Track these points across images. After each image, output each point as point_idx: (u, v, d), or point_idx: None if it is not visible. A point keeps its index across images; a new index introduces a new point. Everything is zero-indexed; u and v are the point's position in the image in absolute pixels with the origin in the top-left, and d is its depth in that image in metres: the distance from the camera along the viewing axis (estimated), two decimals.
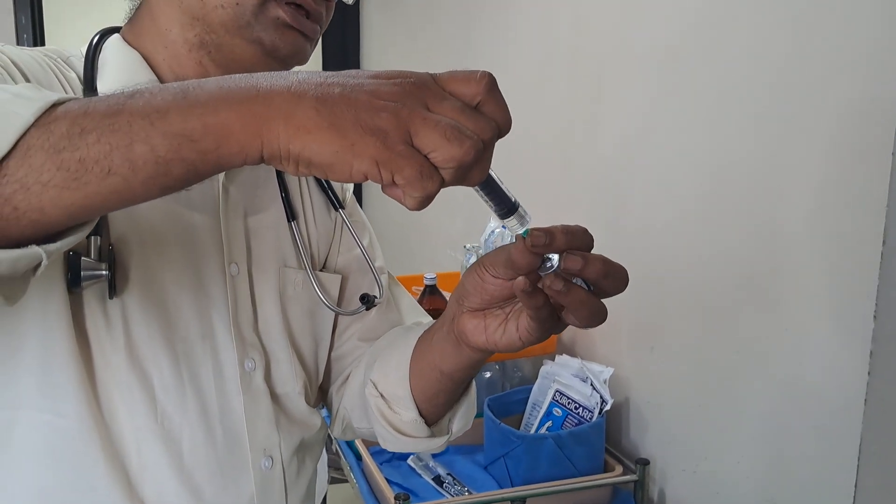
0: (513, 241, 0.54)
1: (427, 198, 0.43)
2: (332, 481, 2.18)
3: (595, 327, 0.55)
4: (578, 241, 0.53)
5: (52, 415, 0.63)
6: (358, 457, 1.49)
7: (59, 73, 0.66)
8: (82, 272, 0.61)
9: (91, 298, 0.64)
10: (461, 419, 0.76)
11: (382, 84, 0.42)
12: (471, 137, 0.42)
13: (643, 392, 1.47)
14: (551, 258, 0.53)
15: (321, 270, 0.81)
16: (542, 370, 1.47)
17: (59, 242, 0.44)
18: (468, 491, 1.35)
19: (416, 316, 0.88)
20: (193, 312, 0.69)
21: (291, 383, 0.76)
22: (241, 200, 0.74)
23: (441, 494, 1.35)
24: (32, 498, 0.64)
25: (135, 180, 0.42)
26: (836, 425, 1.05)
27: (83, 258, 0.61)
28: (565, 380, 1.42)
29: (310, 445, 0.80)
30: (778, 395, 1.15)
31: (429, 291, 1.66)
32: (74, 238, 0.46)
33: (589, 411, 1.38)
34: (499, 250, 0.57)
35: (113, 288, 0.64)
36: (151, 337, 0.66)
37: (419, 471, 1.42)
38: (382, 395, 0.75)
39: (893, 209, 0.86)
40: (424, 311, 0.90)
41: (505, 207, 0.51)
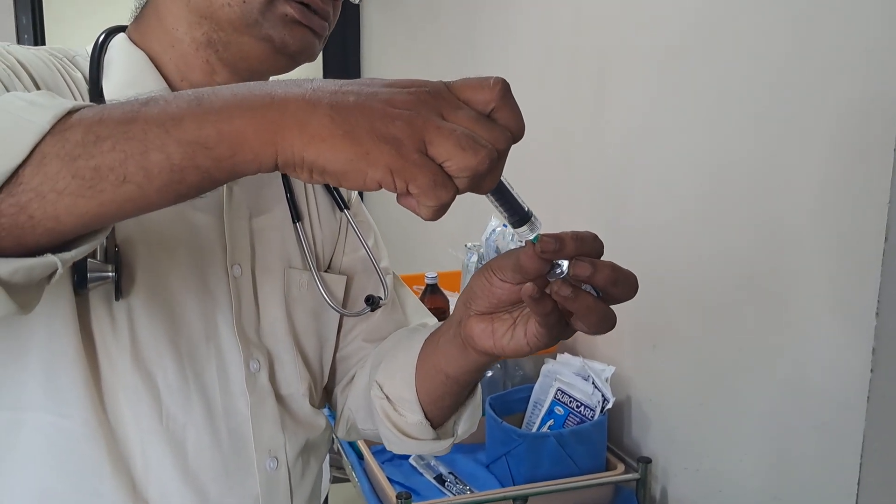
0: (520, 245, 0.54)
1: (441, 207, 0.43)
2: (334, 480, 2.18)
3: (604, 334, 0.55)
4: (588, 248, 0.53)
5: (57, 416, 0.63)
6: (360, 456, 1.49)
7: (65, 73, 0.66)
8: (89, 273, 0.61)
9: (96, 300, 0.64)
10: (466, 422, 0.76)
11: (397, 93, 0.42)
12: (485, 147, 0.42)
13: (645, 390, 1.47)
14: (560, 264, 0.53)
15: (326, 271, 0.80)
16: (544, 369, 1.47)
17: (74, 251, 0.44)
18: (470, 490, 1.35)
19: (422, 317, 0.88)
20: (198, 313, 0.69)
21: (296, 384, 0.76)
22: (246, 201, 0.74)
23: (443, 493, 1.35)
24: (36, 500, 0.64)
25: (150, 188, 0.42)
26: (839, 423, 1.05)
27: (89, 259, 0.61)
28: (567, 378, 1.42)
29: (315, 446, 0.79)
30: (780, 393, 1.15)
31: (430, 290, 1.66)
32: (89, 246, 0.46)
33: (591, 410, 1.38)
34: (507, 254, 0.57)
35: (119, 289, 0.63)
36: (157, 338, 0.66)
37: (421, 470, 1.42)
38: (388, 397, 0.74)
39: (895, 207, 0.86)
40: (429, 312, 0.89)
41: (517, 216, 0.50)
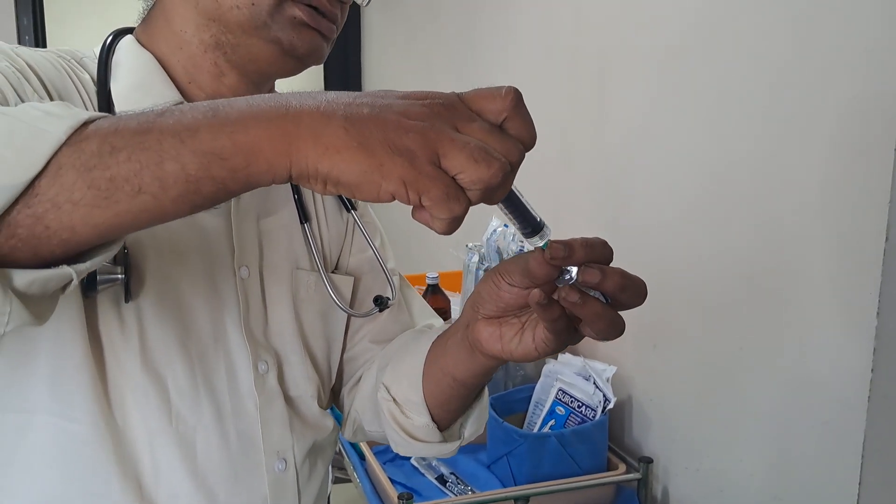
0: (520, 245, 0.54)
1: (454, 220, 0.43)
2: (336, 481, 2.18)
3: (612, 340, 0.55)
4: (597, 254, 0.53)
5: (64, 420, 0.63)
6: (361, 456, 1.49)
7: (73, 75, 0.66)
8: (98, 276, 0.61)
9: (104, 302, 0.64)
10: (473, 424, 0.76)
11: (411, 105, 0.42)
12: (498, 159, 0.42)
13: (646, 390, 1.47)
14: (569, 270, 0.53)
15: (333, 272, 0.80)
16: (545, 369, 1.47)
17: (89, 262, 0.44)
18: (471, 490, 1.35)
19: (428, 318, 0.88)
20: (206, 315, 0.69)
21: (304, 385, 0.76)
22: (254, 202, 0.73)
23: (444, 494, 1.35)
24: (42, 502, 0.64)
25: (165, 198, 0.42)
26: (840, 422, 1.05)
27: None
28: (568, 378, 1.42)
29: (322, 448, 0.79)
30: (781, 393, 1.15)
31: (431, 291, 1.66)
32: (103, 257, 0.46)
33: (592, 410, 1.38)
34: (516, 258, 0.57)
35: (128, 291, 0.63)
36: (166, 340, 0.66)
37: (422, 470, 1.42)
38: (395, 400, 0.74)
39: (895, 206, 0.86)
40: (435, 313, 0.89)
41: (529, 227, 0.50)
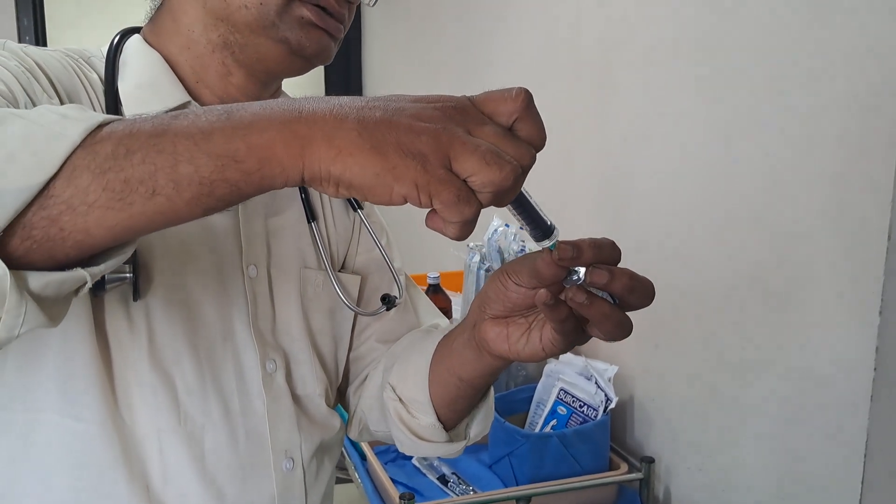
0: (527, 248, 0.54)
1: (465, 223, 0.43)
2: (337, 481, 2.17)
3: (619, 340, 0.55)
4: (606, 255, 0.53)
5: (72, 419, 0.63)
6: (363, 456, 1.49)
7: (81, 74, 0.66)
8: (106, 275, 0.60)
9: (112, 301, 0.64)
10: (479, 424, 0.76)
11: (422, 108, 0.43)
12: (510, 162, 0.42)
13: (648, 390, 1.47)
14: (577, 270, 0.53)
15: (340, 271, 0.81)
16: (547, 368, 1.47)
17: (103, 265, 0.44)
18: (473, 490, 1.35)
19: (433, 318, 0.88)
20: (215, 314, 0.69)
21: (312, 384, 0.76)
22: (261, 201, 0.74)
23: (446, 494, 1.35)
24: (50, 502, 0.64)
25: (179, 201, 0.42)
26: (843, 421, 1.05)
27: None
28: (569, 378, 1.42)
29: (329, 447, 0.79)
30: (784, 392, 1.15)
31: (432, 290, 1.66)
32: (117, 260, 0.46)
33: (593, 409, 1.38)
34: (523, 258, 0.57)
35: (137, 290, 0.64)
36: (174, 338, 0.66)
37: (424, 470, 1.42)
38: (401, 399, 0.74)
39: None
40: (441, 313, 0.89)
41: (539, 230, 0.50)
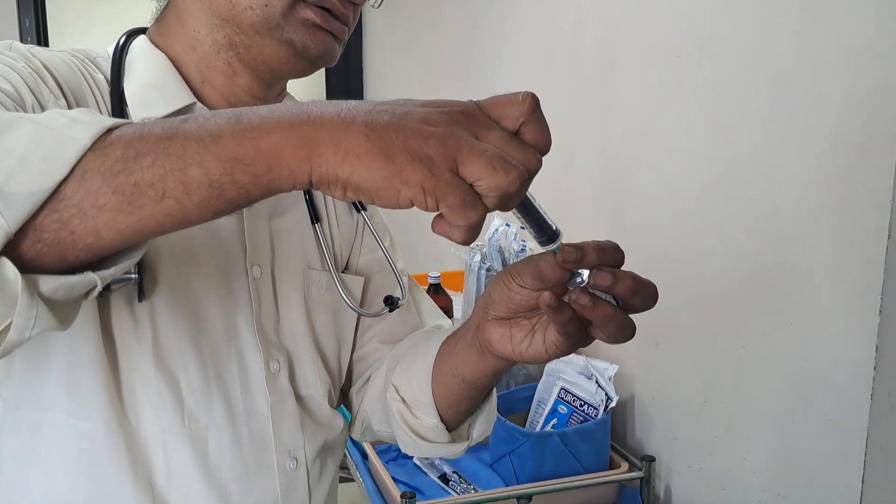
0: (528, 248, 0.54)
1: (471, 227, 0.43)
2: (339, 480, 2.18)
3: (623, 342, 0.55)
4: (609, 258, 0.53)
5: (78, 418, 0.64)
6: (364, 455, 1.49)
7: (87, 75, 0.66)
8: None
9: (118, 301, 0.64)
10: (482, 425, 0.76)
11: (430, 112, 0.43)
12: (516, 167, 0.42)
13: (648, 388, 1.47)
14: (580, 272, 0.53)
15: (343, 272, 0.81)
16: (547, 367, 1.47)
17: (113, 269, 0.45)
18: (474, 489, 1.35)
19: (436, 319, 0.88)
20: (219, 314, 0.69)
21: (315, 385, 0.76)
22: (266, 203, 0.74)
23: (447, 492, 1.35)
24: (56, 500, 0.65)
25: (188, 203, 0.42)
26: (843, 419, 1.05)
27: None
28: (570, 377, 1.42)
29: (332, 447, 0.80)
30: (784, 390, 1.15)
31: (433, 290, 1.66)
32: (127, 264, 0.46)
33: (594, 408, 1.38)
34: (527, 260, 0.57)
35: (142, 290, 0.64)
36: (179, 339, 0.67)
37: (425, 469, 1.42)
38: (404, 400, 0.75)
39: None
40: (444, 314, 0.89)
41: (545, 235, 0.50)
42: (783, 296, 1.14)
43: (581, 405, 1.39)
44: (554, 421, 1.41)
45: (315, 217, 0.77)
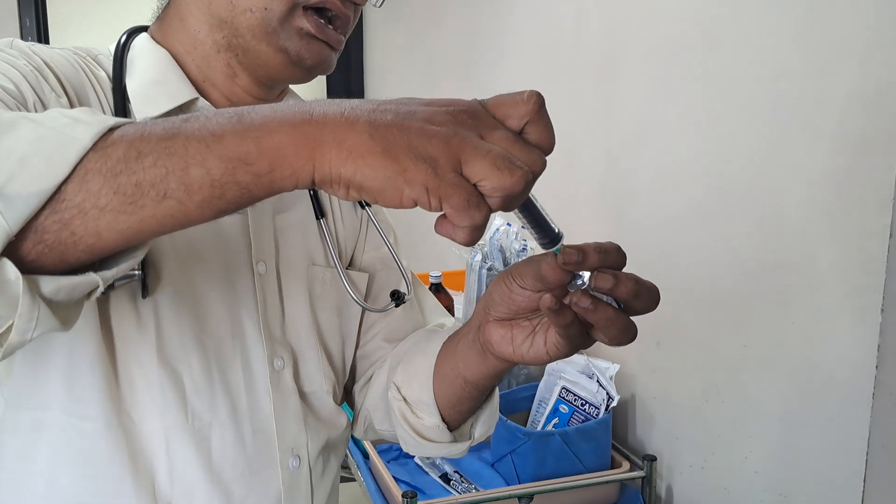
0: (529, 247, 0.54)
1: (474, 228, 0.43)
2: (340, 480, 2.18)
3: (625, 345, 0.55)
4: (611, 260, 0.53)
5: (78, 418, 0.63)
6: (365, 455, 1.49)
7: (89, 72, 0.66)
8: None
9: (120, 298, 0.64)
10: (483, 425, 0.76)
11: (434, 112, 0.43)
12: (521, 168, 0.42)
13: (650, 388, 1.47)
14: (581, 275, 0.53)
15: (348, 268, 0.81)
16: (548, 367, 1.47)
17: (115, 269, 0.44)
18: (475, 488, 1.35)
19: (439, 317, 0.88)
20: (223, 311, 0.69)
21: (319, 381, 0.76)
22: (270, 198, 0.74)
23: (448, 492, 1.35)
24: (57, 500, 0.65)
25: (190, 203, 0.42)
26: (845, 419, 1.05)
27: None
28: (571, 377, 1.42)
29: (335, 445, 0.80)
30: (786, 389, 1.15)
31: (434, 289, 1.66)
32: (129, 264, 0.46)
33: (595, 408, 1.38)
34: (528, 261, 0.57)
35: (145, 287, 0.64)
36: (182, 336, 0.66)
37: (426, 468, 1.42)
38: (405, 399, 0.74)
39: None
40: (447, 312, 0.89)
41: (546, 237, 0.50)
42: (785, 295, 1.14)
43: (582, 404, 1.39)
44: (555, 420, 1.41)
45: (320, 213, 0.77)
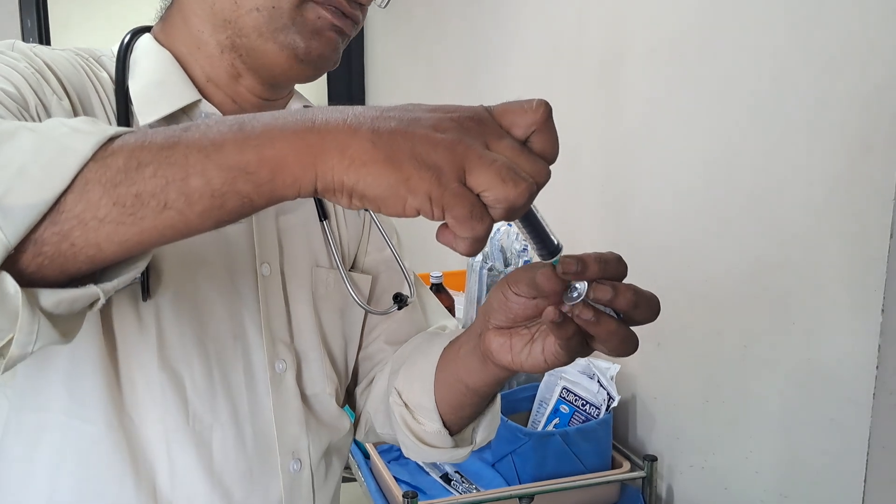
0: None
1: (476, 240, 0.42)
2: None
3: (626, 356, 0.54)
4: (611, 270, 0.52)
5: (79, 420, 0.63)
6: (366, 455, 1.49)
7: (91, 74, 0.66)
8: None
9: (121, 300, 0.64)
10: (485, 430, 0.75)
11: (439, 119, 0.42)
12: (526, 179, 0.42)
13: (650, 388, 1.47)
14: (576, 287, 0.52)
15: (350, 270, 0.80)
16: None
17: (116, 280, 0.44)
18: (476, 488, 1.35)
19: (442, 318, 0.87)
20: (225, 313, 0.69)
21: (322, 384, 0.76)
22: None
23: (449, 492, 1.35)
24: (59, 502, 0.64)
25: (190, 214, 0.42)
26: (846, 419, 1.05)
27: None
28: (572, 377, 1.42)
29: (337, 448, 0.79)
30: (786, 389, 1.15)
31: (435, 290, 1.66)
32: (131, 275, 0.45)
33: (596, 408, 1.38)
34: (524, 269, 0.56)
35: (146, 290, 0.63)
36: (184, 338, 0.66)
37: (427, 469, 1.42)
38: (406, 405, 0.74)
39: None
40: (449, 314, 0.89)
41: (546, 249, 0.49)
42: (786, 295, 1.14)
43: (583, 405, 1.39)
44: (556, 420, 1.41)
45: (323, 214, 0.77)
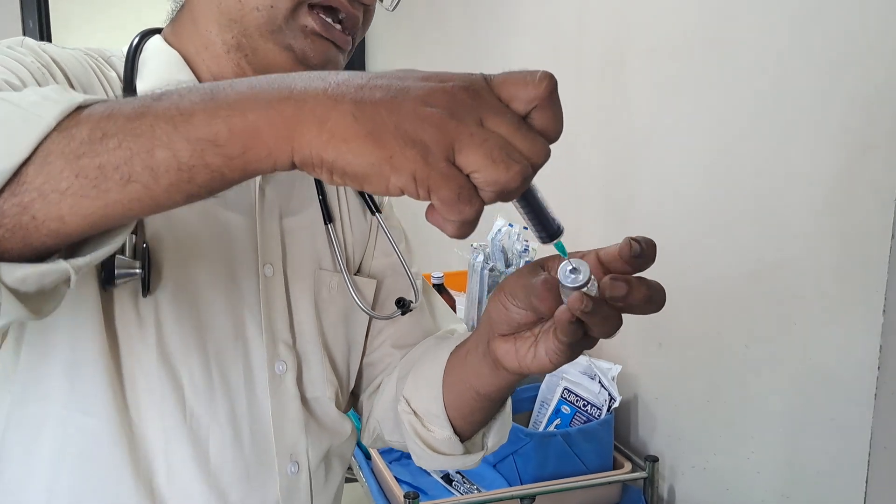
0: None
1: (464, 223, 0.39)
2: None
3: (610, 338, 0.53)
4: (644, 265, 0.50)
5: (80, 413, 0.63)
6: (367, 456, 1.49)
7: (100, 73, 0.66)
8: (116, 270, 0.60)
9: (123, 296, 0.63)
10: (496, 434, 0.74)
11: (431, 90, 0.39)
12: (519, 162, 0.38)
13: (651, 388, 1.47)
14: (580, 271, 0.48)
15: (355, 274, 0.80)
16: None
17: (88, 256, 0.42)
18: (477, 489, 1.35)
19: (450, 322, 0.86)
20: (226, 313, 0.68)
21: (322, 388, 0.75)
22: (278, 201, 0.73)
23: (450, 493, 1.35)
24: (56, 497, 0.65)
25: (156, 188, 0.40)
26: (847, 419, 1.05)
27: (118, 256, 0.60)
28: (573, 377, 1.42)
29: (339, 452, 0.78)
30: (788, 390, 1.15)
31: (436, 290, 1.66)
32: (104, 251, 0.43)
33: (597, 408, 1.38)
34: (518, 276, 0.55)
35: (147, 286, 0.63)
36: (183, 336, 0.66)
37: (428, 469, 1.42)
38: (415, 412, 0.73)
39: None
40: (458, 318, 0.87)
41: (545, 232, 0.46)
42: (787, 295, 1.14)
43: (584, 405, 1.39)
44: (557, 421, 1.41)
45: (328, 217, 0.76)
